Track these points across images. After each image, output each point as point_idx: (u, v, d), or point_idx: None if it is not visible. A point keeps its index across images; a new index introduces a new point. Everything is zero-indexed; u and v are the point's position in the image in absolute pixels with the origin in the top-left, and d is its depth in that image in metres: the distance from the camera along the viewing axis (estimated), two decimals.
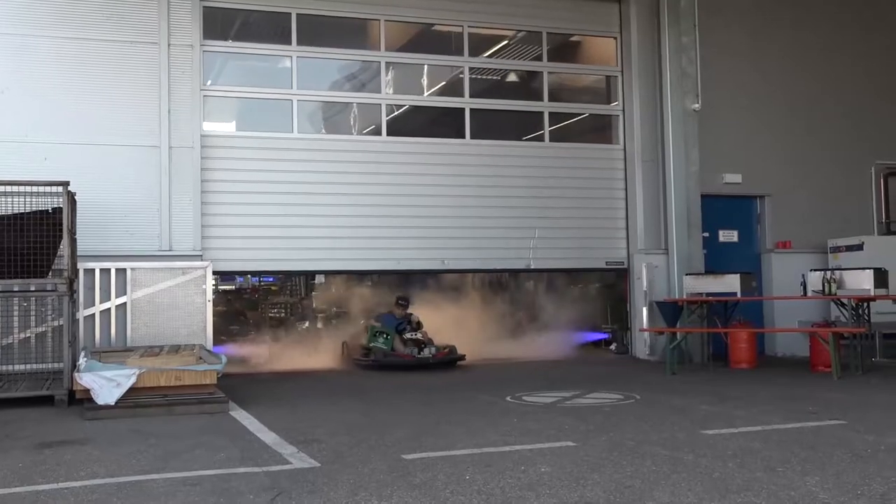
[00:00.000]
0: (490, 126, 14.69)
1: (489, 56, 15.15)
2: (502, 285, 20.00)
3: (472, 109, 14.37)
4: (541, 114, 14.83)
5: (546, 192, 14.43)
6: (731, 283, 12.94)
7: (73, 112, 11.97)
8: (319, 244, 13.31)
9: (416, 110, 14.83)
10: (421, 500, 5.40)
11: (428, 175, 13.93)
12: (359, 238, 13.46)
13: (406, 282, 16.46)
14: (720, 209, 14.97)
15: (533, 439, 7.44)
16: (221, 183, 12.78)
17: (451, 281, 18.71)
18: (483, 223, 14.09)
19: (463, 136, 14.28)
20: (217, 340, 12.53)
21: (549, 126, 14.82)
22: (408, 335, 13.83)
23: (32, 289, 10.49)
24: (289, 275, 19.62)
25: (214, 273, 13.19)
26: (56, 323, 10.64)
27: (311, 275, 21.47)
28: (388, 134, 13.95)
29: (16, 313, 10.71)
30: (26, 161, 11.36)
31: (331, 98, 14.34)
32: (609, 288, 16.60)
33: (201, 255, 12.41)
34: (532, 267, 14.78)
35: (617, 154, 14.98)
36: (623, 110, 14.98)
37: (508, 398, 9.93)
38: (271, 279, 24.01)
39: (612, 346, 15.50)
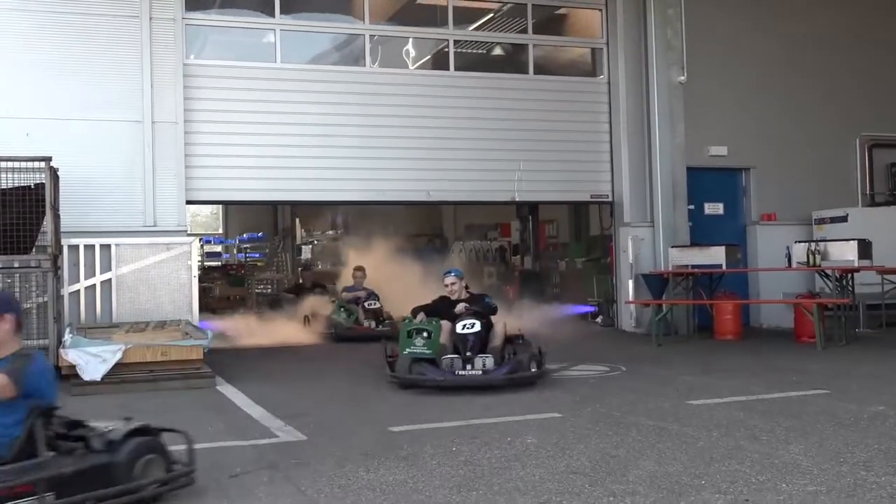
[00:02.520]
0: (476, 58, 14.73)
1: None
2: (488, 258, 20.09)
3: (455, 41, 14.29)
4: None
5: (531, 124, 14.30)
6: (716, 256, 12.99)
7: (55, 87, 11.79)
8: (303, 174, 13.16)
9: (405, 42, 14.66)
10: (408, 472, 5.43)
11: (413, 107, 13.77)
12: (344, 169, 13.30)
13: (393, 255, 16.50)
14: (706, 182, 14.97)
15: (519, 411, 7.48)
16: (203, 112, 12.58)
17: (436, 254, 18.74)
18: (469, 155, 13.97)
19: (447, 69, 14.22)
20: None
21: (534, 58, 14.72)
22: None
23: (16, 265, 10.41)
24: (272, 204, 19.51)
25: (197, 202, 13.38)
26: (41, 299, 10.57)
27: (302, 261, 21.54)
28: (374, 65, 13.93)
29: None
30: (7, 137, 11.16)
31: (312, 28, 14.01)
32: (595, 261, 16.66)
33: (186, 231, 12.36)
34: (517, 199, 14.75)
35: (601, 87, 14.90)
36: (607, 44, 14.86)
37: None
38: (257, 255, 24.00)
39: (599, 319, 15.55)
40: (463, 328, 8.87)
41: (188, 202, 12.47)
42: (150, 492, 4.87)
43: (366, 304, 14.12)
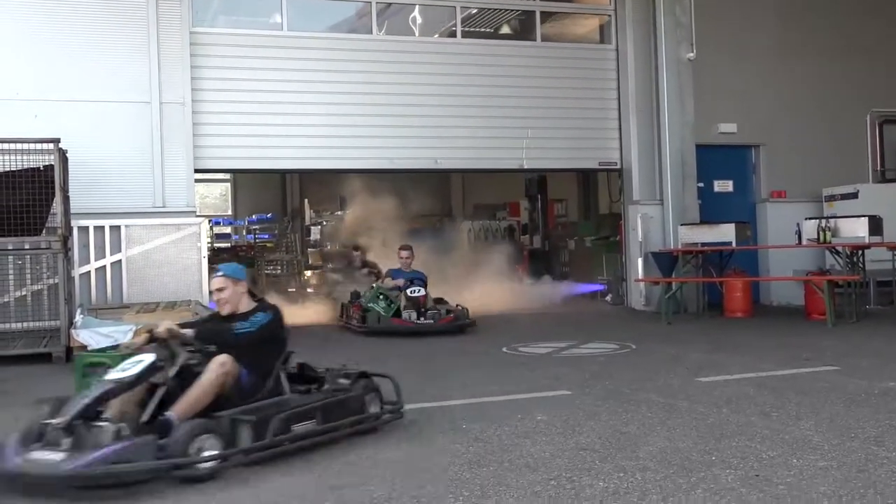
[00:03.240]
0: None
1: None
2: (497, 237, 20.06)
3: (462, 9, 14.27)
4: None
5: (538, 92, 14.26)
6: (726, 233, 12.95)
7: (63, 69, 11.80)
8: (313, 143, 13.17)
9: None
10: (418, 449, 5.44)
11: (421, 74, 13.75)
12: (352, 137, 13.30)
13: (402, 235, 16.50)
14: (715, 159, 14.91)
15: (529, 388, 7.49)
16: (211, 81, 12.60)
17: (445, 233, 18.74)
18: (476, 123, 13.94)
19: (454, 36, 14.20)
20: None
21: (543, 29, 14.70)
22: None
23: (27, 247, 10.48)
24: (280, 173, 19.25)
25: (206, 170, 13.40)
26: (52, 281, 10.63)
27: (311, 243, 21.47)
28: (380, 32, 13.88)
29: (11, 272, 10.71)
30: (16, 119, 11.21)
31: None
32: (604, 239, 16.64)
33: (195, 212, 12.39)
34: (525, 167, 14.66)
35: (609, 55, 14.82)
36: (615, 10, 14.77)
37: (504, 349, 9.98)
38: (267, 236, 24.01)
39: (608, 297, 15.54)
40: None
41: (197, 171, 12.51)
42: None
43: (408, 291, 12.01)
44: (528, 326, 12.41)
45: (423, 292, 12.06)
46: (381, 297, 12.19)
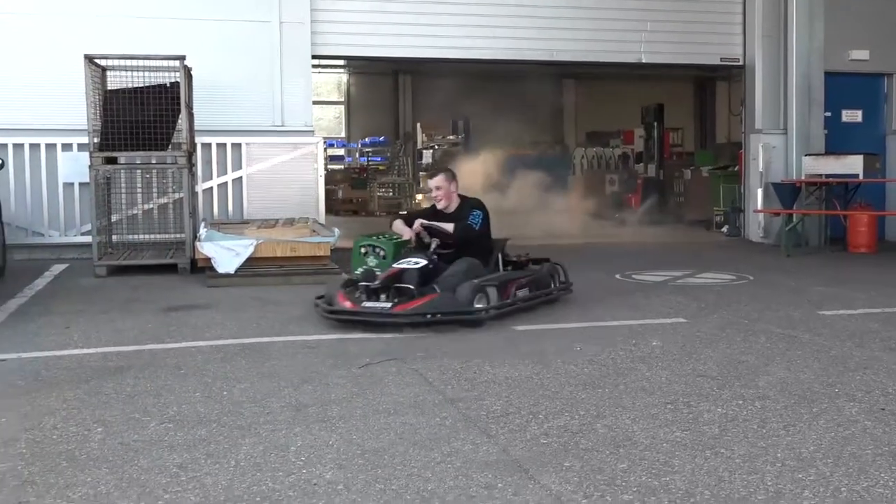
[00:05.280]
0: None
1: None
2: (610, 165, 19.81)
3: None
4: None
5: None
6: (853, 165, 12.43)
7: None
8: (425, 31, 13.02)
9: None
10: (533, 369, 5.48)
11: None
12: (470, 26, 13.13)
13: (510, 163, 16.43)
14: (844, 87, 14.24)
15: (643, 315, 7.43)
16: None
17: (555, 161, 18.63)
18: (594, 14, 13.55)
19: None
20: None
21: None
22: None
23: (154, 161, 10.85)
24: (395, 61, 19.12)
25: (322, 56, 13.40)
26: (177, 195, 10.99)
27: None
28: None
29: (139, 185, 11.11)
30: (142, 36, 11.49)
31: None
32: (722, 169, 16.24)
33: (312, 131, 12.55)
34: (643, 61, 14.18)
35: None
36: None
37: (617, 276, 9.90)
38: (379, 158, 24.25)
39: (724, 228, 15.19)
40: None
41: (314, 57, 12.63)
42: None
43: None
44: (641, 254, 12.24)
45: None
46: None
